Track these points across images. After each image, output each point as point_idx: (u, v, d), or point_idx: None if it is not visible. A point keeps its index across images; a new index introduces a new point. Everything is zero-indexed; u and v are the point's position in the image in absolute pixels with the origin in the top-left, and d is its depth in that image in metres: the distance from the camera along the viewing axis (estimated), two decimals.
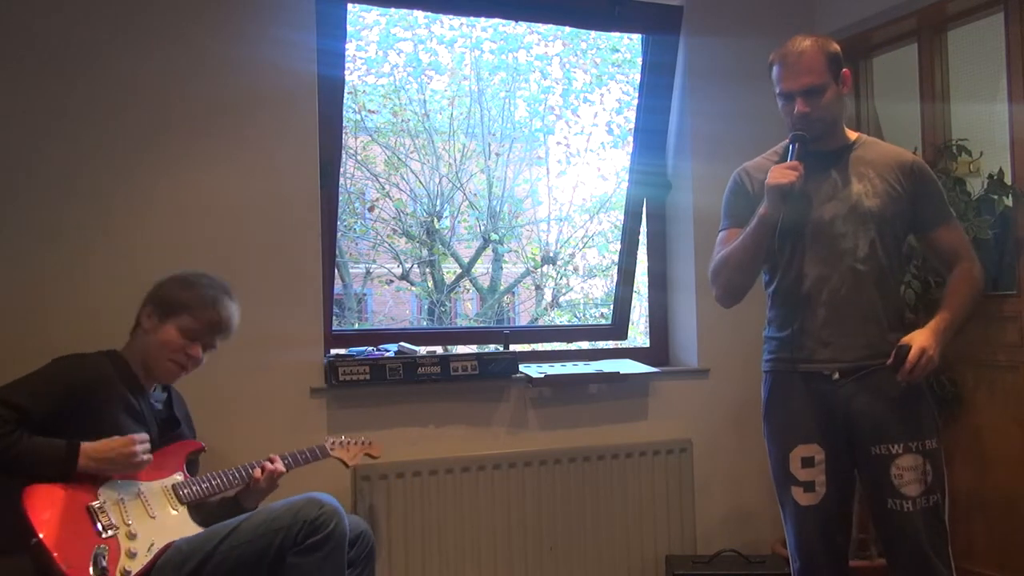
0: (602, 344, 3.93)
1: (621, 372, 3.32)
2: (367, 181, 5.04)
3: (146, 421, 2.28)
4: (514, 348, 3.34)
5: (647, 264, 3.70)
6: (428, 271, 5.07)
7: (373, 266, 5.13)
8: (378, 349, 3.12)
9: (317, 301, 2.97)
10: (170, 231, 2.78)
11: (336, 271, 3.54)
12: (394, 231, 5.04)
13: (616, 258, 3.84)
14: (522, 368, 3.23)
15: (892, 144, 2.34)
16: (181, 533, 2.16)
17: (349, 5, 3.10)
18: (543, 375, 3.22)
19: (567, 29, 4.74)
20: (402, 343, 3.15)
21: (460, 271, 5.16)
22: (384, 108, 4.98)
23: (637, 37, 3.71)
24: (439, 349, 3.34)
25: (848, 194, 2.16)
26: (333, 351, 3.09)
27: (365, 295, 5.36)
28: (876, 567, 3.00)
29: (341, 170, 3.36)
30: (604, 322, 4.12)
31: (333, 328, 3.19)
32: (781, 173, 2.08)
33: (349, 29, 3.19)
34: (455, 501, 3.05)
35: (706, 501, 3.44)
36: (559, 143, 5.35)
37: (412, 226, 5.02)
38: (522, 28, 4.83)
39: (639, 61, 3.65)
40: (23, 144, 2.64)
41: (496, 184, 4.99)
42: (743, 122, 3.35)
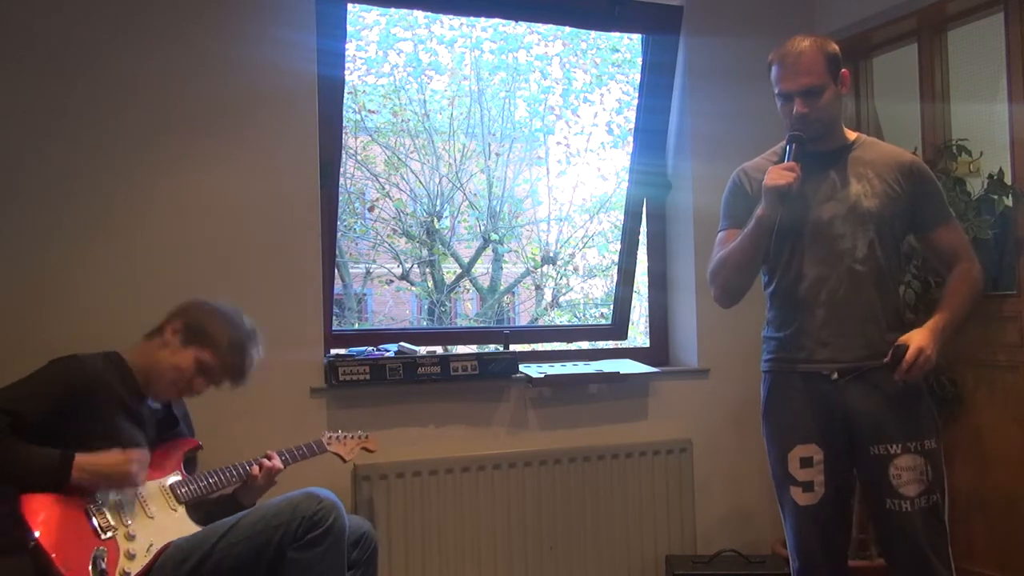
0: (602, 344, 3.93)
1: (621, 372, 3.32)
2: (367, 181, 5.04)
3: (144, 423, 2.27)
4: (514, 348, 3.35)
5: (647, 264, 3.70)
6: (428, 271, 5.07)
7: (373, 266, 5.13)
8: (378, 349, 3.12)
9: (317, 301, 2.97)
10: (170, 231, 2.79)
11: (336, 271, 3.55)
12: (394, 231, 5.04)
13: (616, 258, 3.84)
14: (522, 368, 3.23)
15: (891, 144, 2.34)
16: (180, 532, 2.16)
17: (349, 5, 3.10)
18: (543, 375, 3.22)
19: (567, 29, 4.74)
20: (402, 343, 3.15)
21: (460, 271, 5.16)
22: (384, 108, 4.98)
23: (637, 37, 3.71)
24: (439, 349, 3.34)
25: (847, 194, 2.16)
26: (333, 351, 3.09)
27: (365, 295, 5.36)
28: (876, 567, 2.99)
29: (341, 170, 3.37)
30: (604, 322, 4.12)
31: (333, 328, 3.20)
32: (778, 174, 2.08)
33: (349, 29, 3.19)
34: (455, 501, 3.05)
35: (706, 501, 3.44)
36: (559, 143, 5.35)
37: (412, 226, 5.02)
38: (522, 28, 4.83)
39: (639, 61, 3.66)
40: (23, 144, 2.64)
41: (496, 184, 4.99)
42: (743, 122, 3.35)
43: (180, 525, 2.18)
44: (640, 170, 3.62)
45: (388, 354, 3.07)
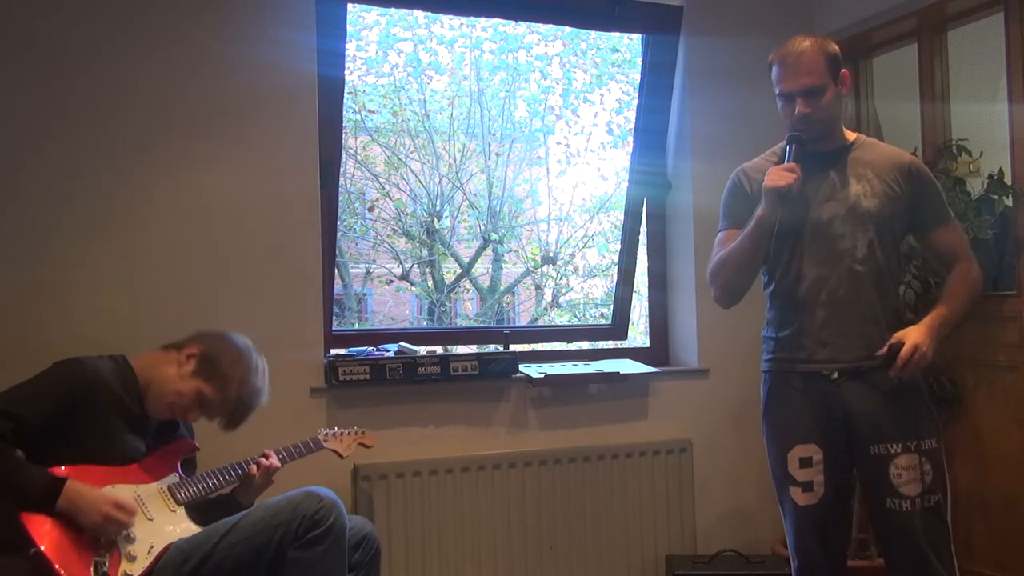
0: (602, 344, 3.93)
1: (621, 372, 3.32)
2: (367, 181, 5.03)
3: (144, 428, 2.26)
4: (514, 348, 3.35)
5: (647, 264, 3.70)
6: (428, 271, 5.07)
7: (373, 266, 5.13)
8: (378, 349, 3.12)
9: (317, 301, 2.97)
10: (170, 231, 2.78)
11: (336, 271, 3.54)
12: (394, 231, 5.03)
13: (616, 258, 3.84)
14: (522, 368, 3.23)
15: (891, 145, 2.35)
16: (180, 533, 2.15)
17: (349, 5, 3.10)
18: (543, 375, 3.22)
19: (567, 29, 4.73)
20: (402, 343, 3.15)
21: (460, 271, 5.16)
22: (384, 108, 4.98)
23: (637, 37, 3.71)
24: (439, 349, 3.34)
25: (846, 195, 2.16)
26: (333, 351, 3.09)
27: (365, 295, 5.36)
28: (875, 567, 2.99)
29: (341, 170, 3.36)
30: (604, 322, 4.12)
31: (333, 328, 3.19)
32: (779, 175, 2.08)
33: (349, 29, 3.19)
34: (455, 501, 3.05)
35: (706, 501, 3.44)
36: (559, 143, 5.35)
37: (412, 226, 5.02)
38: (522, 28, 4.83)
39: (639, 61, 3.65)
40: (23, 144, 2.64)
41: (496, 184, 4.99)
42: (743, 122, 3.35)
43: (180, 526, 2.18)
44: (640, 170, 3.62)
45: (388, 354, 3.07)
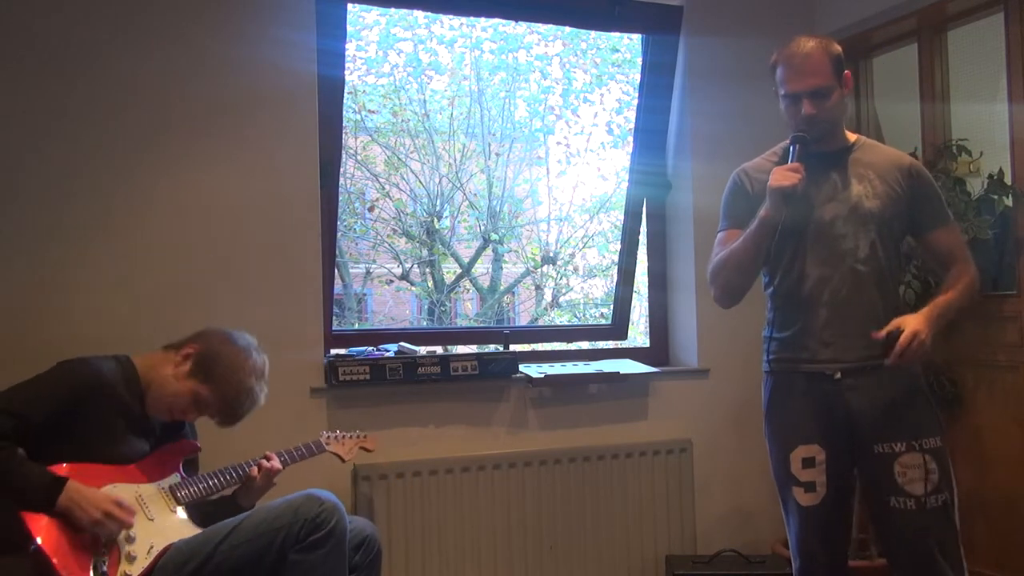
0: (602, 344, 3.93)
1: (621, 372, 3.32)
2: (367, 181, 5.04)
3: (147, 428, 2.26)
4: (514, 348, 3.34)
5: (647, 264, 3.70)
6: (428, 271, 5.07)
7: (373, 266, 5.13)
8: (378, 349, 3.12)
9: (317, 301, 2.97)
10: (170, 231, 2.78)
11: (336, 271, 3.54)
12: (394, 231, 5.04)
13: (616, 258, 3.84)
14: (522, 368, 3.23)
15: (891, 146, 2.35)
16: (180, 534, 2.15)
17: (349, 5, 3.10)
18: (543, 375, 3.22)
19: (567, 29, 4.74)
20: (402, 343, 3.15)
21: (460, 271, 5.16)
22: (384, 108, 4.98)
23: (637, 37, 3.71)
24: (439, 349, 3.34)
25: (848, 195, 2.16)
26: (333, 351, 3.09)
27: (365, 295, 5.36)
28: (876, 567, 2.99)
29: (341, 170, 3.37)
30: (604, 322, 4.12)
31: (333, 328, 3.19)
32: (783, 176, 2.07)
33: (349, 29, 3.19)
34: (455, 501, 3.05)
35: (706, 501, 3.44)
36: (559, 143, 5.36)
37: (412, 226, 5.02)
38: (522, 28, 4.83)
39: (639, 61, 3.65)
40: (23, 144, 2.64)
41: (496, 184, 4.99)
42: (743, 122, 3.35)
43: (180, 527, 2.18)
44: (640, 170, 3.62)
45: (388, 354, 3.07)
